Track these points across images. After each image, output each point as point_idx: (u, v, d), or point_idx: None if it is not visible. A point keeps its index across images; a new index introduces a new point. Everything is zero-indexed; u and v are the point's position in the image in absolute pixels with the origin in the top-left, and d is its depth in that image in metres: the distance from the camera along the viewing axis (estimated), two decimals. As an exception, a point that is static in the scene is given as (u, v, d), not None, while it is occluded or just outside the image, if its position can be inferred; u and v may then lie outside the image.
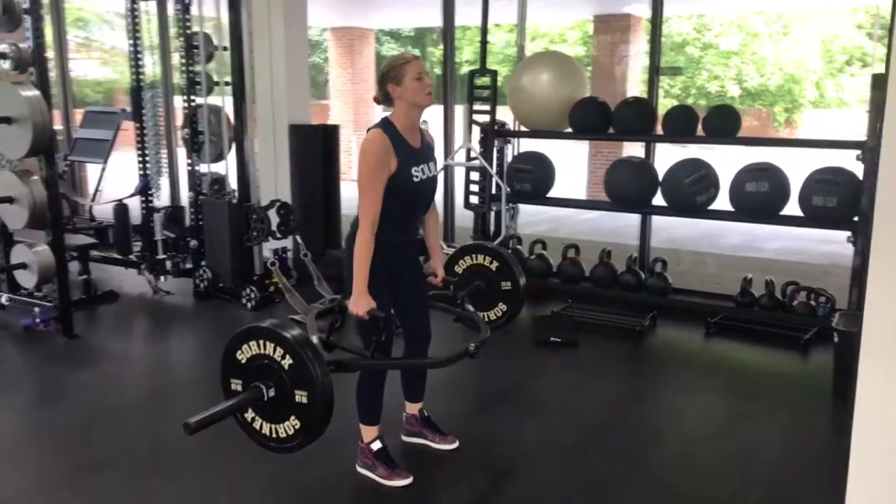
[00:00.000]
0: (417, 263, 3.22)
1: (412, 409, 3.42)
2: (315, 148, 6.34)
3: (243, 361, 2.67)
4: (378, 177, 2.83)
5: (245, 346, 2.65)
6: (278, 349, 2.58)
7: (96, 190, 6.99)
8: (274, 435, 2.68)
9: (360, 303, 2.82)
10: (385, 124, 2.92)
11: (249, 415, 2.70)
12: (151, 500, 2.97)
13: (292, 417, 2.60)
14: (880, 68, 19.33)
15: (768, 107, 21.38)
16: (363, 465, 3.15)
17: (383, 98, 2.94)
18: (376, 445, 3.13)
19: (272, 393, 2.59)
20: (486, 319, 3.66)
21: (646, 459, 3.32)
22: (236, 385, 2.70)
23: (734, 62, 21.10)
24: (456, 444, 3.37)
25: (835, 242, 7.70)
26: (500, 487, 3.10)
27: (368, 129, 2.94)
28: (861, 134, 4.46)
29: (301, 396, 2.55)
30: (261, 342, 2.62)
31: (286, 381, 2.58)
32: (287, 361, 2.57)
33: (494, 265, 3.68)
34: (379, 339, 2.89)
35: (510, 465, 3.27)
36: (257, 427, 2.71)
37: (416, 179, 2.94)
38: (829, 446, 3.54)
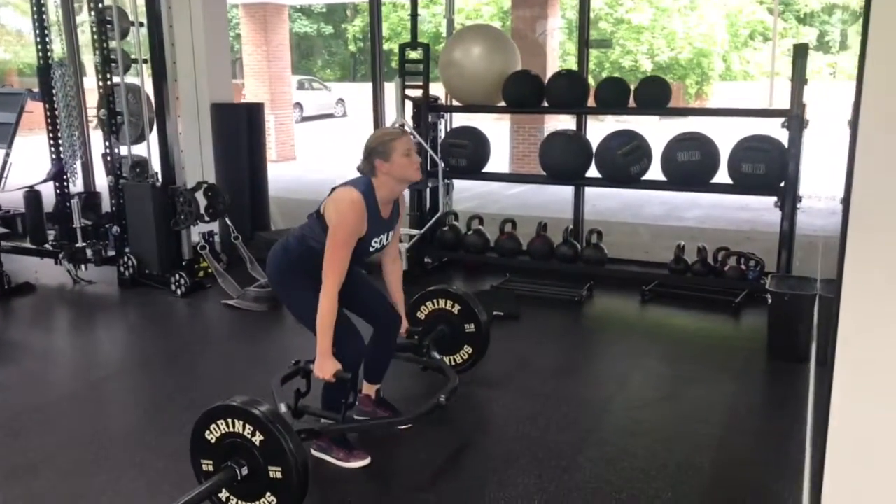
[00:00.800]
0: (356, 272, 3.20)
1: (369, 389, 3.37)
2: (240, 127, 6.13)
3: (213, 441, 2.58)
4: (351, 243, 2.86)
5: (213, 426, 2.56)
6: (248, 426, 2.50)
7: (0, 176, 6.56)
8: None
9: (325, 367, 2.83)
10: (367, 190, 2.90)
11: (224, 495, 2.60)
12: (98, 500, 2.82)
13: (268, 494, 2.53)
14: (782, 43, 20.20)
15: (679, 80, 22.01)
16: (318, 449, 3.08)
17: (369, 170, 2.92)
18: (332, 428, 3.07)
19: (245, 471, 2.52)
20: (453, 363, 3.75)
21: (597, 427, 3.37)
22: (207, 465, 2.61)
23: (645, 37, 21.61)
24: (409, 423, 3.34)
25: (751, 209, 8.10)
26: (457, 462, 3.10)
27: (347, 184, 2.92)
28: (770, 103, 4.63)
29: (275, 472, 2.49)
30: (229, 420, 2.53)
31: (258, 458, 2.50)
32: (258, 438, 2.49)
33: (456, 308, 3.73)
34: (347, 401, 2.92)
35: (465, 439, 3.27)
36: None
37: (371, 249, 3.02)
38: (771, 403, 3.70)
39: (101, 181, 5.91)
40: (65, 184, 5.78)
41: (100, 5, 5.17)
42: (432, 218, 5.53)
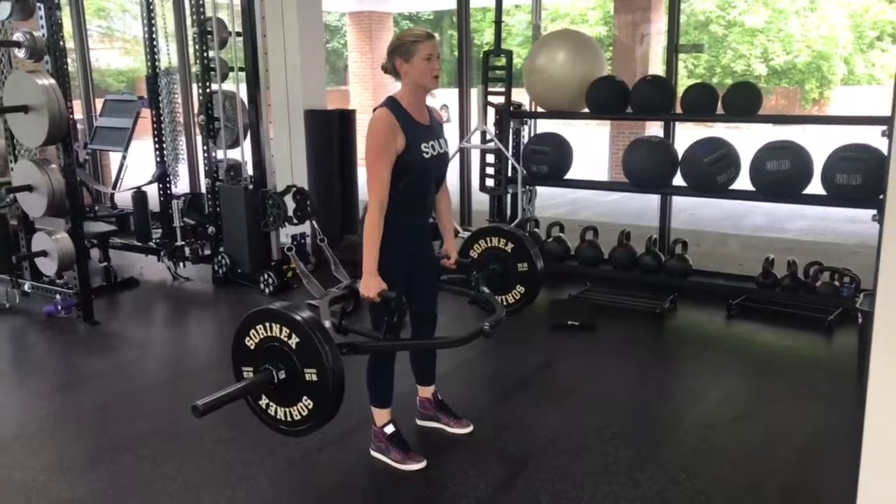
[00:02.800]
0: (431, 244, 3.19)
1: (425, 392, 3.40)
2: (331, 133, 6.31)
3: (252, 347, 2.66)
4: (385, 156, 2.79)
5: (252, 332, 2.64)
6: (284, 329, 2.56)
7: (117, 178, 7.05)
8: (287, 418, 2.67)
9: (370, 284, 2.80)
10: (391, 102, 2.87)
11: (263, 401, 2.69)
12: (167, 485, 2.99)
13: (304, 398, 2.58)
14: (911, 43, 18.86)
15: (796, 85, 20.96)
16: (377, 449, 3.14)
17: (391, 70, 2.88)
18: (389, 429, 3.12)
19: (282, 375, 2.58)
20: (504, 303, 3.64)
21: (663, 444, 3.27)
22: (247, 372, 2.70)
23: (760, 40, 20.70)
24: (471, 429, 3.35)
25: (862, 221, 7.58)
26: (514, 472, 3.07)
27: (375, 109, 2.90)
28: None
29: (311, 374, 2.53)
30: (266, 324, 2.61)
31: (295, 361, 2.56)
32: (294, 340, 2.54)
33: (510, 247, 3.64)
34: (391, 321, 2.86)
35: (525, 449, 3.24)
36: (272, 412, 2.71)
37: (426, 156, 2.89)
38: (854, 430, 3.45)
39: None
40: (167, 185, 6.13)
41: (202, 17, 5.47)
42: (511, 224, 5.51)
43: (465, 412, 3.43)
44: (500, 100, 5.45)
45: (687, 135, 5.74)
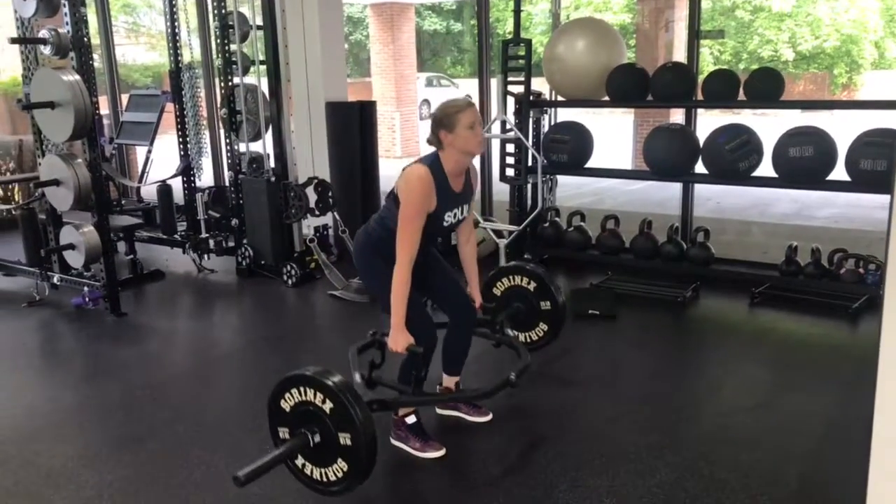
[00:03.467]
0: (437, 255, 3.25)
1: (449, 381, 3.43)
2: (352, 124, 6.33)
3: (287, 409, 2.71)
4: (420, 216, 2.89)
5: (287, 395, 2.69)
6: (318, 394, 2.62)
7: (143, 172, 7.15)
8: (323, 479, 2.71)
9: (398, 339, 2.89)
10: (434, 165, 2.94)
11: (299, 461, 2.74)
12: (192, 472, 3.04)
13: (339, 460, 2.64)
14: (944, 25, 18.46)
15: (825, 70, 20.60)
16: (397, 438, 3.17)
17: (436, 142, 2.96)
18: (411, 419, 3.15)
19: (318, 438, 2.63)
20: (528, 340, 3.76)
21: (682, 432, 3.26)
22: (283, 433, 2.75)
23: (787, 25, 20.36)
24: (490, 417, 3.38)
25: (891, 208, 7.49)
26: (533, 460, 3.09)
27: (417, 161, 2.97)
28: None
29: (345, 439, 2.59)
30: (302, 389, 2.66)
31: (329, 425, 2.61)
32: (328, 406, 2.60)
33: (532, 286, 3.73)
34: (419, 375, 2.98)
35: (544, 437, 3.26)
36: (308, 472, 2.75)
37: (445, 224, 3.03)
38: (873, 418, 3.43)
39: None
40: (192, 179, 6.20)
41: (223, 11, 5.52)
42: (532, 214, 5.51)
43: (473, 383, 3.45)
44: (520, 89, 5.44)
45: (712, 122, 5.68)
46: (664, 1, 11.15)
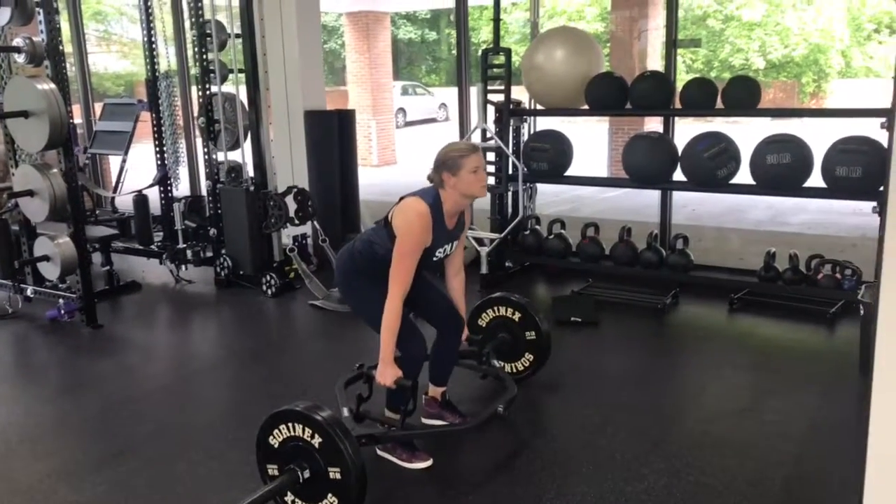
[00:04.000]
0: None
1: (435, 392, 3.42)
2: (331, 133, 6.32)
3: (276, 445, 2.68)
4: (417, 253, 2.92)
5: (276, 431, 2.67)
6: (307, 430, 2.60)
7: (117, 182, 7.05)
8: None
9: (386, 373, 2.90)
10: (434, 202, 2.96)
11: (289, 498, 2.70)
12: (174, 487, 2.99)
13: (329, 495, 2.61)
14: (909, 35, 18.87)
15: (794, 78, 20.95)
16: (383, 449, 3.15)
17: (438, 182, 2.98)
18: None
19: (307, 474, 2.61)
20: (513, 370, 3.77)
21: (667, 438, 3.28)
22: (272, 470, 2.72)
23: (757, 34, 20.68)
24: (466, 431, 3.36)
25: (864, 214, 7.58)
26: (519, 468, 3.08)
27: (416, 195, 2.98)
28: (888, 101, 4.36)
29: (335, 473, 2.57)
30: (290, 425, 2.63)
31: (319, 461, 2.59)
32: (317, 440, 2.58)
33: (517, 316, 3.74)
34: (406, 408, 2.97)
35: (530, 445, 3.25)
36: None
37: (434, 259, 3.06)
38: (857, 422, 3.47)
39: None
40: (168, 188, 6.13)
41: (201, 19, 5.48)
42: (512, 222, 5.52)
43: (470, 410, 3.44)
44: (500, 98, 5.46)
45: (686, 129, 5.74)
46: (638, 10, 11.26)
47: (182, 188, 6.60)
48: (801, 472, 2.98)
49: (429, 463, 3.09)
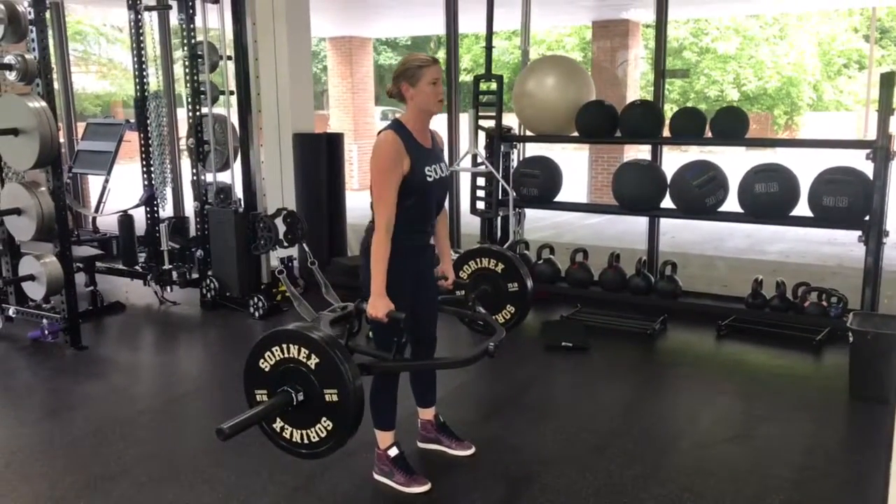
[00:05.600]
0: (432, 267, 3.21)
1: (426, 414, 3.40)
2: (319, 156, 6.33)
3: (267, 370, 2.62)
4: (391, 177, 2.82)
5: (267, 353, 2.61)
6: (303, 350, 2.53)
7: (100, 201, 6.98)
8: (305, 440, 2.64)
9: (378, 305, 2.80)
10: (396, 125, 2.91)
11: (277, 424, 2.65)
12: (168, 512, 2.94)
13: (323, 419, 2.56)
14: (877, 70, 19.43)
15: (766, 110, 21.43)
16: (381, 473, 3.12)
17: (396, 94, 2.92)
18: (393, 452, 3.10)
19: (301, 396, 2.55)
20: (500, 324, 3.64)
21: (663, 463, 3.29)
22: (261, 395, 2.66)
23: (732, 66, 21.16)
24: (472, 450, 3.35)
25: (839, 244, 7.78)
26: (518, 493, 3.07)
27: (380, 132, 2.93)
28: (864, 134, 4.48)
29: (331, 395, 2.50)
30: (284, 346, 2.58)
31: (314, 382, 2.53)
32: (314, 361, 2.52)
33: (500, 267, 3.67)
34: (399, 341, 2.88)
35: (527, 470, 3.24)
36: (287, 436, 2.67)
37: (429, 179, 2.94)
38: (849, 448, 3.53)
39: (191, 206, 6.18)
40: (155, 209, 6.08)
41: (192, 41, 5.48)
42: (502, 246, 5.54)
43: (466, 434, 3.43)
44: (490, 123, 5.51)
45: (667, 158, 5.82)
46: (619, 41, 11.47)
47: (167, 209, 6.54)
48: (798, 499, 3.00)
49: (427, 487, 3.05)
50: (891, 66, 20.77)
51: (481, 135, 5.57)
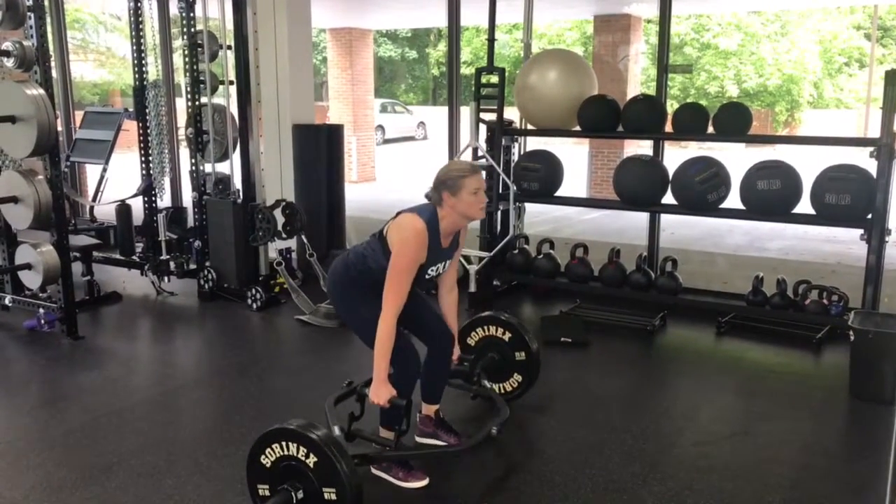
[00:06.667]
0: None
1: (428, 410, 3.38)
2: (319, 148, 6.29)
3: (268, 465, 2.62)
4: (412, 270, 2.88)
5: (268, 450, 2.61)
6: (302, 449, 2.54)
7: (97, 191, 6.94)
8: None
9: (380, 392, 2.86)
10: (432, 220, 2.93)
11: None
12: (164, 503, 2.91)
13: None
14: (880, 70, 19.41)
15: (767, 107, 21.40)
16: (378, 467, 3.10)
17: (437, 200, 2.95)
18: (392, 448, 3.09)
19: (300, 495, 2.55)
20: (502, 391, 3.73)
21: (663, 461, 3.27)
22: (263, 490, 2.65)
23: (733, 62, 21.12)
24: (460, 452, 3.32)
25: (838, 241, 7.77)
26: (517, 489, 3.05)
27: (412, 210, 2.94)
28: (864, 132, 4.46)
29: (330, 494, 2.51)
30: (284, 444, 2.58)
31: (313, 481, 2.54)
32: (312, 460, 2.52)
33: (507, 336, 3.70)
34: (400, 428, 2.92)
35: (527, 466, 3.23)
36: None
37: (427, 276, 3.03)
38: (849, 447, 3.52)
39: (189, 197, 6.15)
40: (153, 199, 6.04)
41: (192, 30, 5.43)
42: (502, 241, 5.52)
43: (463, 429, 3.41)
44: (492, 117, 5.48)
45: (667, 154, 5.79)
46: (620, 35, 11.43)
47: (165, 199, 6.50)
48: (798, 497, 2.98)
49: (425, 482, 3.04)
50: (892, 64, 20.74)
51: (482, 128, 5.53)
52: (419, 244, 2.86)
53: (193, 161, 5.66)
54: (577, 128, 5.33)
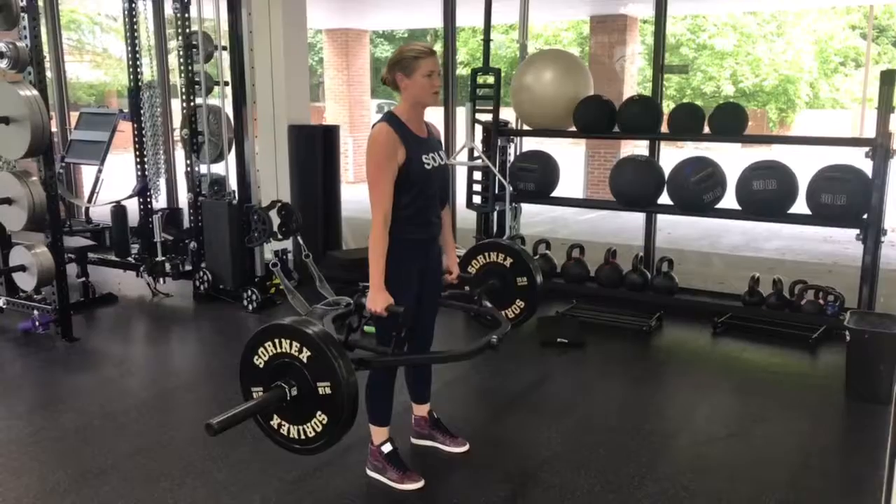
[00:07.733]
0: (439, 261, 3.15)
1: (420, 410, 3.37)
2: (315, 148, 6.27)
3: (261, 366, 2.61)
4: (387, 170, 2.78)
5: (261, 350, 2.59)
6: (294, 344, 2.52)
7: (93, 192, 6.92)
8: (301, 436, 2.62)
9: (377, 299, 2.77)
10: (390, 117, 2.86)
11: (274, 421, 2.64)
12: (159, 506, 2.90)
13: (318, 413, 2.54)
14: (875, 69, 19.44)
15: (763, 107, 21.43)
16: (374, 469, 3.09)
17: (391, 83, 2.88)
18: (387, 448, 3.07)
19: (294, 391, 2.54)
20: (505, 317, 3.62)
21: (659, 461, 3.27)
22: (257, 392, 2.65)
23: (728, 63, 21.14)
24: (467, 447, 3.32)
25: (834, 242, 7.77)
26: (513, 491, 3.04)
27: (374, 124, 2.89)
28: (860, 132, 4.47)
29: (324, 388, 2.49)
30: (276, 341, 2.56)
31: (307, 376, 2.52)
32: (305, 355, 2.50)
33: (509, 262, 3.64)
34: (398, 335, 2.85)
35: (522, 467, 3.22)
36: (284, 432, 2.65)
37: (427, 167, 2.89)
38: (845, 447, 3.51)
39: (185, 198, 6.13)
40: (148, 200, 6.03)
41: (187, 30, 5.42)
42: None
43: (460, 430, 3.40)
44: (488, 117, 5.47)
45: (663, 154, 5.79)
46: (616, 36, 11.43)
47: (160, 200, 6.48)
48: (794, 497, 2.98)
49: (420, 484, 3.03)
50: (887, 64, 20.78)
51: (478, 128, 5.53)
52: (383, 139, 2.77)
53: (189, 162, 5.64)
54: (573, 128, 5.32)
